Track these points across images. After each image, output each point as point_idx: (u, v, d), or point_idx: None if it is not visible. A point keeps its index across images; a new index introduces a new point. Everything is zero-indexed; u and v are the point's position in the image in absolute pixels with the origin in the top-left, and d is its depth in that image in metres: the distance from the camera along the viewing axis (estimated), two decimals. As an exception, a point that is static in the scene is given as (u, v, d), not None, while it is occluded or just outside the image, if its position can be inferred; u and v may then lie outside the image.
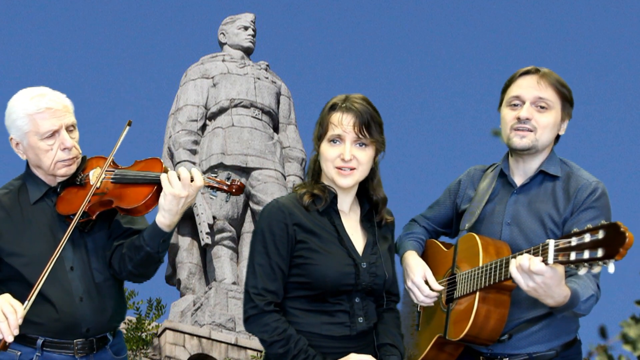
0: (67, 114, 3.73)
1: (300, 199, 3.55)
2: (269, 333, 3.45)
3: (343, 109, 3.53)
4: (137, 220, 3.81)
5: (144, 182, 3.65)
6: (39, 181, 3.78)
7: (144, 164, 3.73)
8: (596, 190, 3.65)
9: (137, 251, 3.66)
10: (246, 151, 13.95)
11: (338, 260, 3.49)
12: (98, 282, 3.73)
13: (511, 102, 3.71)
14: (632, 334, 2.69)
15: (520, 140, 3.68)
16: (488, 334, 3.59)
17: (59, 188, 3.78)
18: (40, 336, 3.67)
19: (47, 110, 3.68)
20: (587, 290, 3.50)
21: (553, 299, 3.42)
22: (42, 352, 3.67)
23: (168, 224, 3.62)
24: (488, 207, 3.78)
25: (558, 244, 3.28)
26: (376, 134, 3.53)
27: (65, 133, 3.70)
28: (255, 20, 15.26)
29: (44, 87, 3.77)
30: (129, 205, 3.63)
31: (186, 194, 3.56)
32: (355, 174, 3.53)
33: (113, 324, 3.81)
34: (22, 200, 3.76)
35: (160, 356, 12.31)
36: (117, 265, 3.73)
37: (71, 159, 3.73)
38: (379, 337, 3.60)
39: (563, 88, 3.71)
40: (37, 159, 3.73)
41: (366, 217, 3.65)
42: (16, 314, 3.45)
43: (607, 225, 3.17)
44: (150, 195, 3.62)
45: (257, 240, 3.52)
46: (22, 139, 3.73)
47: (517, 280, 3.38)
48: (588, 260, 3.18)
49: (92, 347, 3.73)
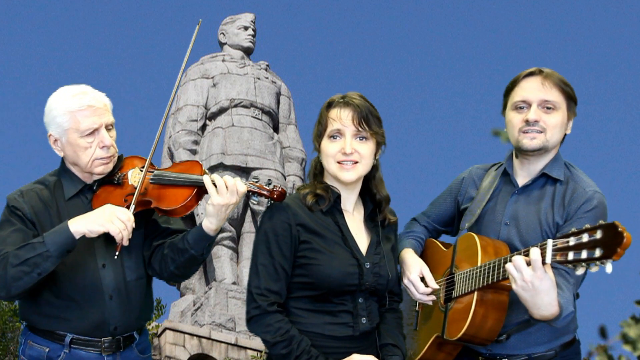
0: (107, 112, 3.76)
1: (304, 199, 3.56)
2: (271, 333, 3.45)
3: (341, 104, 3.55)
4: (172, 220, 3.84)
5: (183, 184, 3.67)
6: (75, 178, 3.80)
7: (182, 166, 3.76)
8: (591, 200, 3.61)
9: (181, 254, 3.68)
10: (246, 151, 13.96)
11: (342, 261, 3.50)
12: (129, 281, 3.76)
13: (517, 105, 3.70)
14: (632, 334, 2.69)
15: (531, 142, 3.67)
16: (486, 333, 3.59)
17: (95, 186, 3.80)
18: (69, 333, 3.70)
19: (88, 108, 3.71)
20: (568, 306, 3.49)
21: (539, 309, 3.41)
22: (70, 349, 3.70)
23: (215, 229, 3.65)
24: (488, 206, 3.78)
25: (556, 244, 3.28)
26: (375, 127, 3.54)
27: (104, 131, 3.73)
28: (255, 20, 15.27)
29: (84, 85, 3.80)
30: (169, 206, 3.65)
31: (234, 200, 3.59)
32: (357, 167, 3.54)
33: (140, 322, 3.83)
34: (58, 195, 3.78)
35: (160, 356, 12.31)
36: (157, 266, 3.76)
37: (109, 157, 3.76)
38: (381, 337, 3.61)
39: (567, 87, 3.70)
40: (75, 155, 3.75)
41: (370, 216, 3.66)
42: (131, 220, 3.60)
43: (605, 225, 3.17)
44: (190, 198, 3.64)
45: (260, 241, 3.53)
46: (61, 135, 3.75)
47: (510, 273, 3.37)
48: (586, 260, 3.18)
49: (119, 346, 3.75)
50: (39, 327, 3.73)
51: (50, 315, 3.70)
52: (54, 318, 3.69)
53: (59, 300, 3.68)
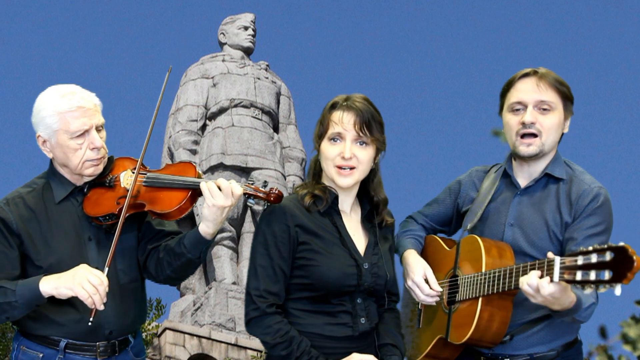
0: (97, 113, 3.69)
1: (302, 200, 3.55)
2: (271, 335, 3.45)
3: (344, 107, 3.54)
4: (166, 222, 3.78)
5: (178, 186, 3.61)
6: (64, 180, 3.74)
7: (175, 168, 3.71)
8: (598, 196, 3.64)
9: (177, 257, 3.62)
10: (246, 151, 13.95)
11: (340, 261, 3.49)
12: (123, 284, 3.70)
13: (513, 107, 3.70)
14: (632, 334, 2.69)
15: (527, 148, 3.67)
16: (491, 337, 3.59)
17: (86, 188, 3.74)
18: (63, 338, 3.65)
19: (78, 109, 3.64)
20: (588, 298, 3.51)
21: (560, 305, 3.44)
22: (65, 354, 3.65)
23: (212, 233, 3.59)
24: (491, 207, 3.78)
25: (564, 262, 3.28)
26: (377, 133, 3.53)
27: (95, 133, 3.66)
28: (255, 20, 15.26)
29: (73, 85, 3.73)
30: (163, 209, 3.60)
31: (230, 203, 3.53)
32: (354, 173, 3.53)
33: (135, 326, 3.79)
34: (47, 199, 3.71)
35: (160, 356, 12.31)
36: (153, 269, 3.71)
37: (99, 159, 3.69)
38: (379, 337, 3.61)
39: (563, 87, 3.70)
40: (65, 157, 3.68)
41: (367, 217, 3.65)
42: (104, 284, 3.50)
43: (614, 247, 3.17)
44: (184, 201, 3.58)
45: (258, 242, 3.52)
46: (50, 136, 3.68)
47: (528, 296, 3.41)
48: (595, 282, 3.18)
49: (114, 350, 3.70)
50: (33, 332, 3.67)
51: (45, 320, 3.65)
52: (48, 323, 3.63)
53: (53, 305, 3.62)
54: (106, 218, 3.67)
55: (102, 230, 3.70)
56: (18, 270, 3.63)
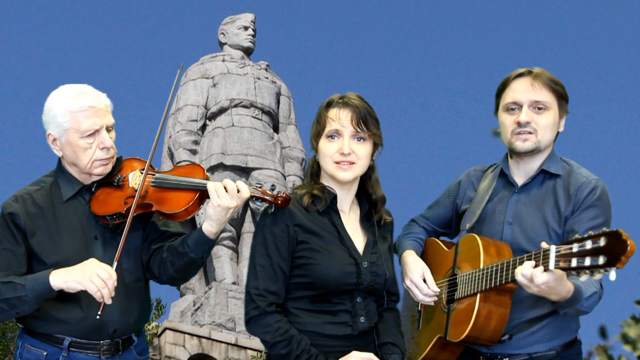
0: (108, 114, 3.72)
1: (300, 199, 3.56)
2: (271, 334, 3.45)
3: (340, 104, 3.56)
4: (171, 223, 3.81)
5: (185, 187, 3.64)
6: (72, 179, 3.76)
7: (183, 169, 3.73)
8: (596, 188, 3.66)
9: (180, 257, 3.65)
10: (246, 151, 13.96)
11: (340, 260, 3.50)
12: (127, 283, 3.72)
13: (508, 107, 3.73)
14: (632, 334, 2.69)
15: (523, 144, 3.69)
16: (489, 335, 3.59)
17: (94, 187, 3.76)
18: (67, 336, 3.67)
19: (90, 109, 3.67)
20: (589, 287, 3.52)
21: (558, 295, 3.45)
22: (69, 353, 3.67)
23: (215, 232, 3.61)
24: (489, 206, 3.79)
25: (559, 250, 3.30)
26: (373, 128, 3.55)
27: (105, 133, 3.69)
28: (255, 20, 15.27)
29: (85, 84, 3.76)
30: (170, 210, 3.62)
31: (235, 204, 3.55)
32: (354, 168, 3.54)
33: (139, 325, 3.81)
34: (55, 197, 3.74)
35: (160, 356, 12.31)
36: (156, 269, 3.73)
37: (108, 159, 3.72)
38: (379, 336, 3.62)
39: (557, 86, 3.72)
40: (74, 156, 3.71)
41: (366, 216, 3.66)
42: (113, 279, 3.51)
43: (608, 232, 3.19)
44: (192, 202, 3.61)
45: (258, 242, 3.53)
46: (60, 135, 3.70)
47: (523, 286, 3.42)
48: (589, 267, 3.20)
49: (117, 348, 3.72)
50: (37, 330, 3.70)
51: (49, 319, 3.67)
52: (52, 321, 3.66)
53: (57, 303, 3.65)
54: (113, 217, 3.69)
55: (109, 230, 3.72)
56: (25, 267, 3.66)
